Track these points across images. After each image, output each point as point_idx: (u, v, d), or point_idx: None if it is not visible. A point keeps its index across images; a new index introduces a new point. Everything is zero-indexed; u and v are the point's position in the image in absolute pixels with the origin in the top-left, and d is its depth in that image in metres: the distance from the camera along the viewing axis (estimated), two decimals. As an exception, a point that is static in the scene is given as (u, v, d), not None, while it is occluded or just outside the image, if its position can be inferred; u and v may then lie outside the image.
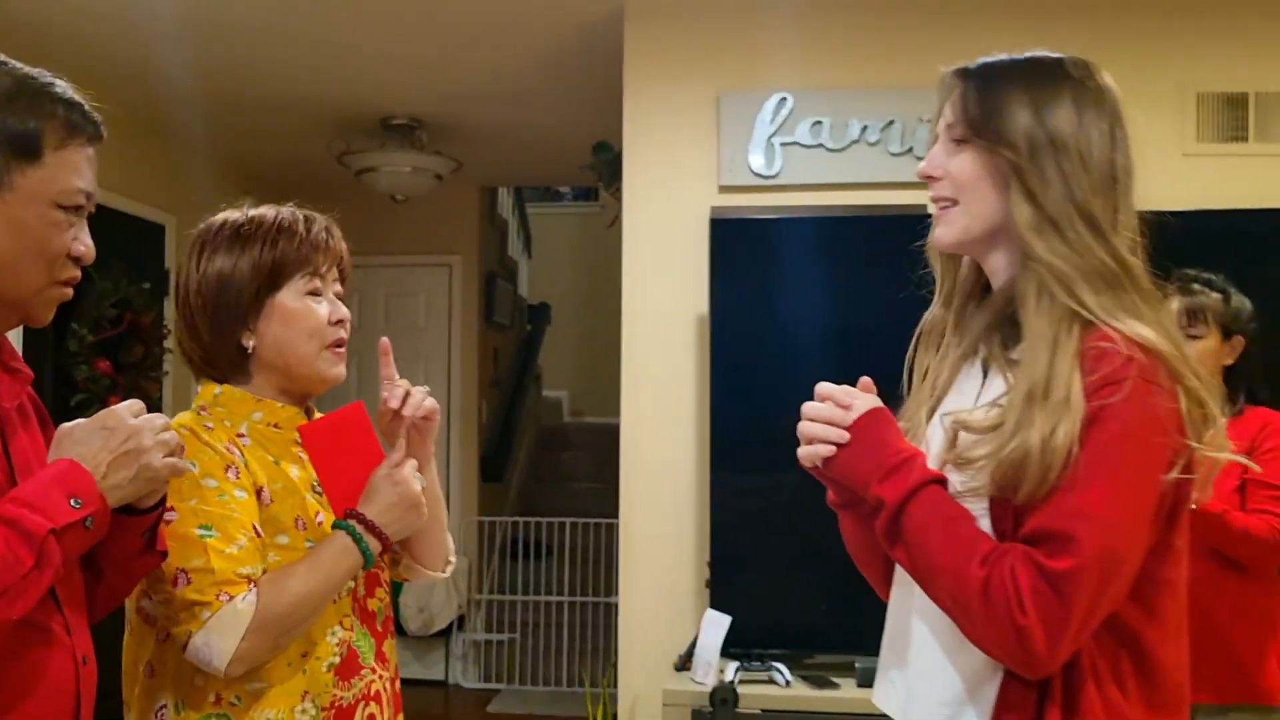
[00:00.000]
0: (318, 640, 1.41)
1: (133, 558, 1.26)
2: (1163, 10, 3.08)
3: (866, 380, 1.27)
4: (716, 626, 2.80)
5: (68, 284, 1.25)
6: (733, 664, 2.80)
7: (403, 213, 4.91)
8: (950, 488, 1.18)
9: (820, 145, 3.12)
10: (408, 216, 5.10)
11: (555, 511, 5.81)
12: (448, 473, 5.68)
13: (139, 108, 4.04)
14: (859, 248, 3.02)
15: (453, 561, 1.62)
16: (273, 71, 3.85)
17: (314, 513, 1.44)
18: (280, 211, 1.48)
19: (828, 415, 1.22)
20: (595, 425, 7.22)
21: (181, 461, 1.23)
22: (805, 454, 1.24)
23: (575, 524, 5.58)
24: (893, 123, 3.08)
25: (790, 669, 2.81)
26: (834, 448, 1.21)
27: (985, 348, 1.26)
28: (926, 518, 1.15)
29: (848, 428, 1.21)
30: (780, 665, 2.81)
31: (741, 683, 2.73)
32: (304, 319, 1.45)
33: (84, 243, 1.23)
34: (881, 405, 1.24)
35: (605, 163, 3.99)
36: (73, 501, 1.11)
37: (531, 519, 5.82)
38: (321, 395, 1.55)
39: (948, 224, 1.24)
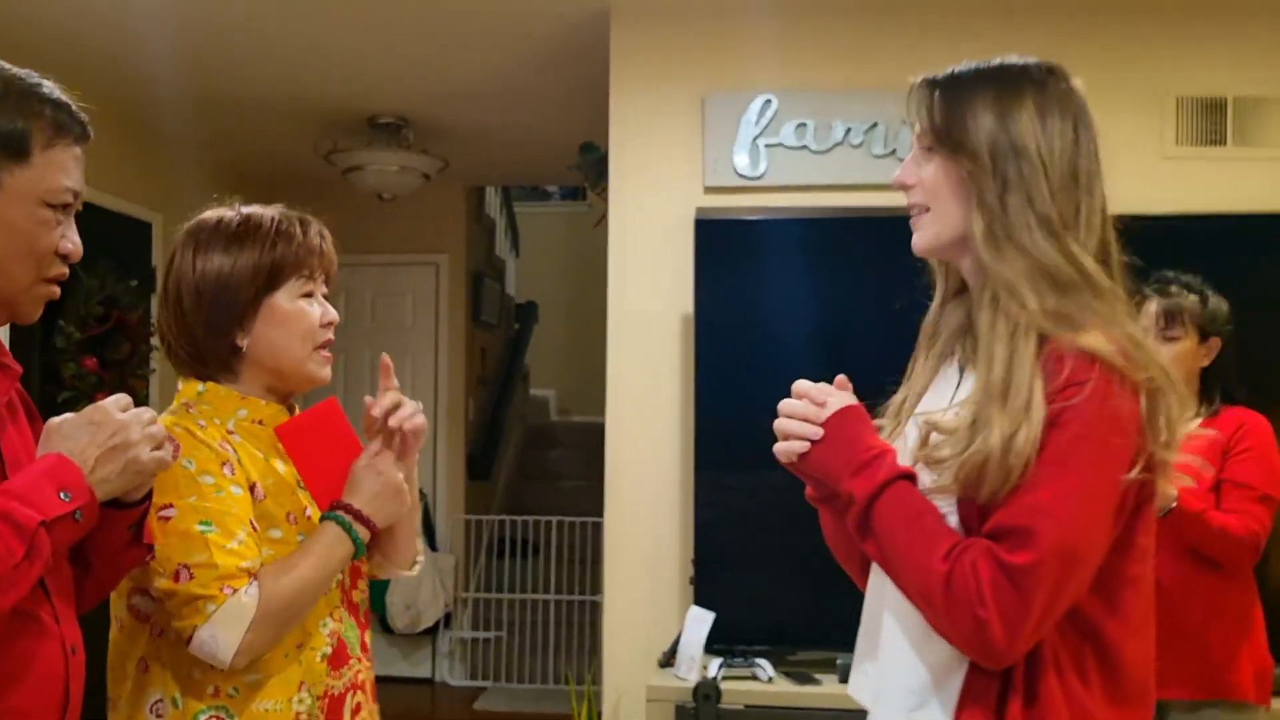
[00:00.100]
0: (312, 631, 1.44)
1: (120, 550, 1.28)
2: (1142, 15, 3.11)
3: (842, 378, 1.30)
4: (700, 623, 2.83)
5: (55, 281, 1.27)
6: (716, 660, 2.83)
7: (390, 212, 4.91)
8: (920, 485, 1.21)
9: (804, 147, 3.14)
10: (395, 215, 5.10)
11: (542, 510, 5.83)
12: (434, 471, 5.69)
13: (126, 105, 4.04)
14: (843, 248, 3.05)
15: (420, 561, 1.64)
16: (260, 70, 3.85)
17: (304, 507, 1.47)
18: (276, 213, 1.49)
19: (802, 412, 1.25)
20: (582, 424, 7.23)
21: (169, 455, 1.25)
22: (781, 449, 1.27)
23: (562, 522, 5.61)
24: (876, 125, 3.10)
25: (773, 665, 2.83)
26: (808, 444, 1.24)
27: (960, 348, 1.29)
28: (894, 513, 1.18)
29: (821, 424, 1.24)
30: (763, 661, 2.83)
31: (724, 679, 2.75)
32: (298, 321, 1.47)
33: (71, 240, 1.25)
34: (856, 403, 1.27)
35: (591, 163, 4.01)
36: (62, 495, 1.13)
37: (518, 517, 5.84)
38: (305, 393, 1.57)
39: (921, 230, 1.27)
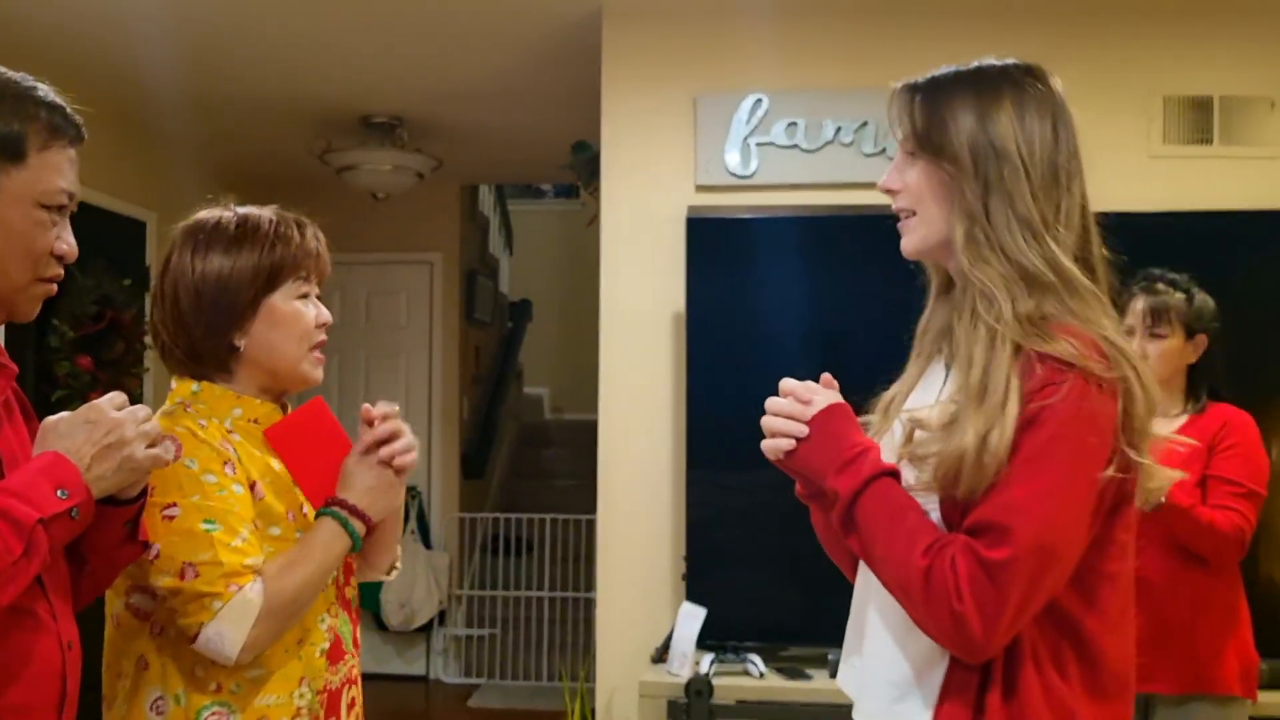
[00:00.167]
0: (311, 627, 1.46)
1: (115, 547, 1.30)
2: (1131, 15, 3.13)
3: (828, 377, 1.32)
4: (692, 619, 2.85)
5: (52, 281, 1.28)
6: (708, 656, 2.85)
7: (384, 210, 4.93)
8: (904, 481, 1.23)
9: (795, 146, 3.16)
10: (389, 214, 5.11)
11: (536, 508, 5.85)
12: (429, 469, 5.71)
13: (121, 105, 4.05)
14: (833, 247, 3.07)
15: (398, 568, 1.67)
16: (254, 69, 3.86)
17: (301, 504, 1.49)
18: (273, 215, 1.51)
19: (788, 410, 1.27)
20: (576, 422, 7.25)
21: (168, 453, 1.27)
22: (767, 446, 1.29)
23: (555, 520, 5.62)
24: (866, 124, 3.12)
25: (764, 661, 2.86)
26: (794, 441, 1.26)
27: (946, 347, 1.31)
28: (876, 509, 1.20)
29: (807, 422, 1.26)
30: (754, 657, 2.86)
31: (716, 674, 2.77)
32: (295, 322, 1.49)
33: (67, 241, 1.27)
34: (841, 401, 1.29)
35: (584, 162, 4.03)
36: (60, 493, 1.14)
37: (512, 515, 5.86)
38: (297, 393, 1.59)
39: (909, 234, 1.29)
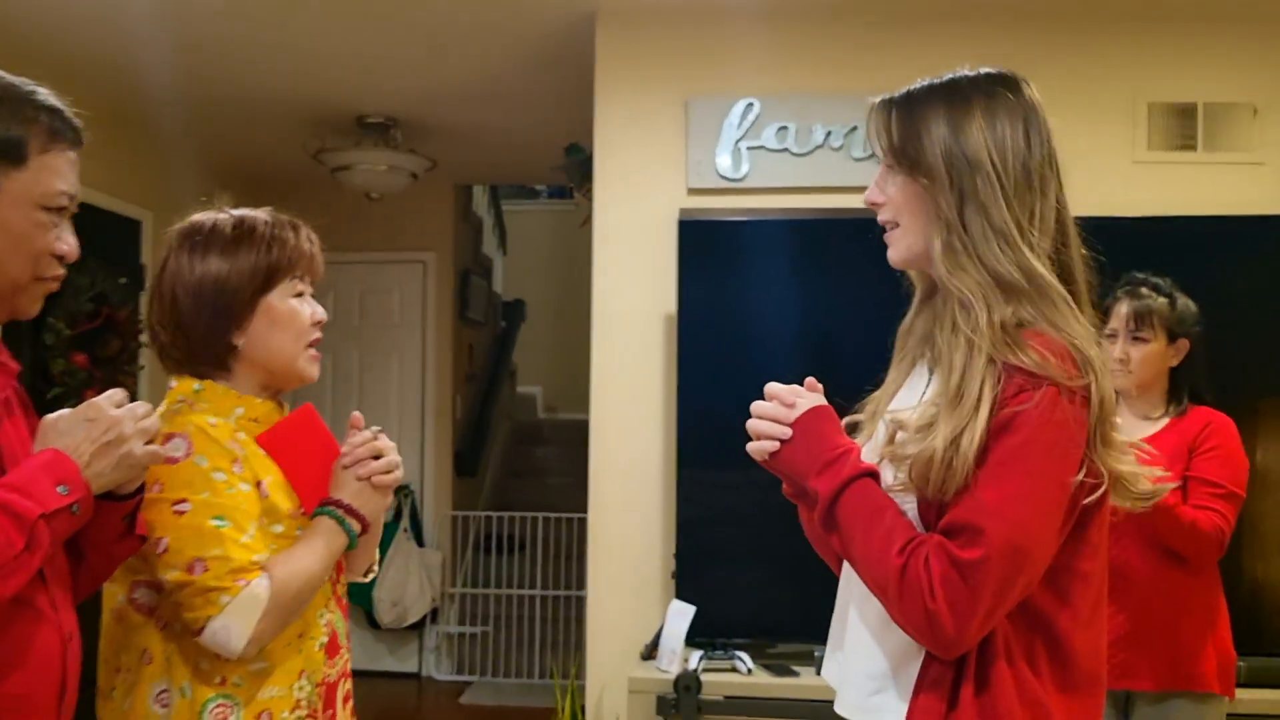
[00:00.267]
0: (311, 622, 1.50)
1: (113, 541, 1.33)
2: (1117, 23, 3.17)
3: (812, 380, 1.35)
4: (681, 616, 2.88)
5: (52, 280, 1.31)
6: (696, 653, 2.88)
7: (378, 210, 4.95)
8: (884, 482, 1.26)
9: (785, 150, 3.20)
10: (383, 214, 5.13)
11: (529, 506, 5.88)
12: (422, 467, 5.73)
13: (116, 104, 4.07)
14: (823, 250, 3.10)
15: (375, 571, 1.70)
16: (250, 69, 3.88)
17: (305, 510, 1.52)
18: (269, 216, 1.55)
19: (772, 413, 1.31)
20: (569, 421, 7.28)
21: (161, 449, 1.30)
22: (752, 449, 1.32)
23: (548, 519, 5.65)
24: (855, 128, 3.15)
25: (752, 658, 2.89)
26: (778, 443, 1.30)
27: (930, 350, 1.35)
28: (855, 508, 1.23)
29: (790, 424, 1.29)
30: (742, 654, 2.89)
31: (705, 670, 2.81)
32: (291, 320, 1.52)
33: (67, 241, 1.30)
34: (824, 403, 1.32)
35: (577, 164, 4.06)
36: (60, 489, 1.18)
37: (505, 513, 5.89)
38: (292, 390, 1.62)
39: (893, 245, 1.32)
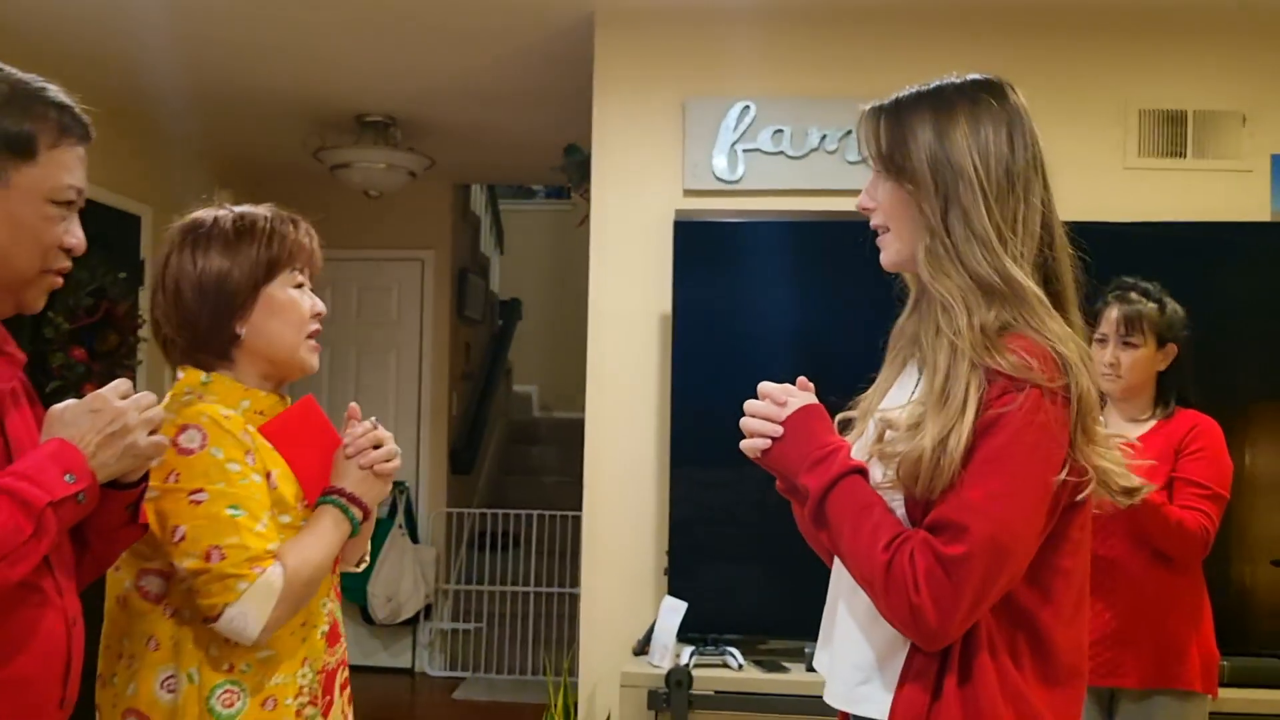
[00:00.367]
0: (314, 610, 1.54)
1: (117, 529, 1.36)
2: (1108, 31, 3.21)
3: (803, 379, 1.39)
4: (673, 612, 2.91)
5: (59, 273, 1.34)
6: (688, 648, 2.91)
7: (377, 208, 4.97)
8: (873, 479, 1.29)
9: (781, 152, 3.23)
10: (382, 212, 5.16)
11: (523, 504, 5.90)
12: (417, 464, 5.75)
13: (116, 100, 4.08)
14: (817, 252, 3.13)
15: (366, 561, 1.74)
16: (251, 67, 3.90)
17: (306, 501, 1.56)
18: (268, 212, 1.59)
19: (765, 411, 1.34)
20: (564, 420, 7.30)
21: (165, 439, 1.33)
22: (745, 446, 1.36)
23: (542, 516, 5.68)
24: (850, 132, 3.17)
25: (743, 653, 2.92)
26: (770, 441, 1.33)
27: (919, 351, 1.38)
28: (844, 505, 1.27)
29: (782, 422, 1.33)
30: (734, 650, 2.92)
31: (696, 666, 2.83)
32: (292, 309, 1.57)
33: (75, 235, 1.33)
34: (815, 402, 1.36)
35: (575, 164, 4.08)
36: (67, 477, 1.20)
37: (499, 511, 5.91)
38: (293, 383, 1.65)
39: (885, 249, 1.35)
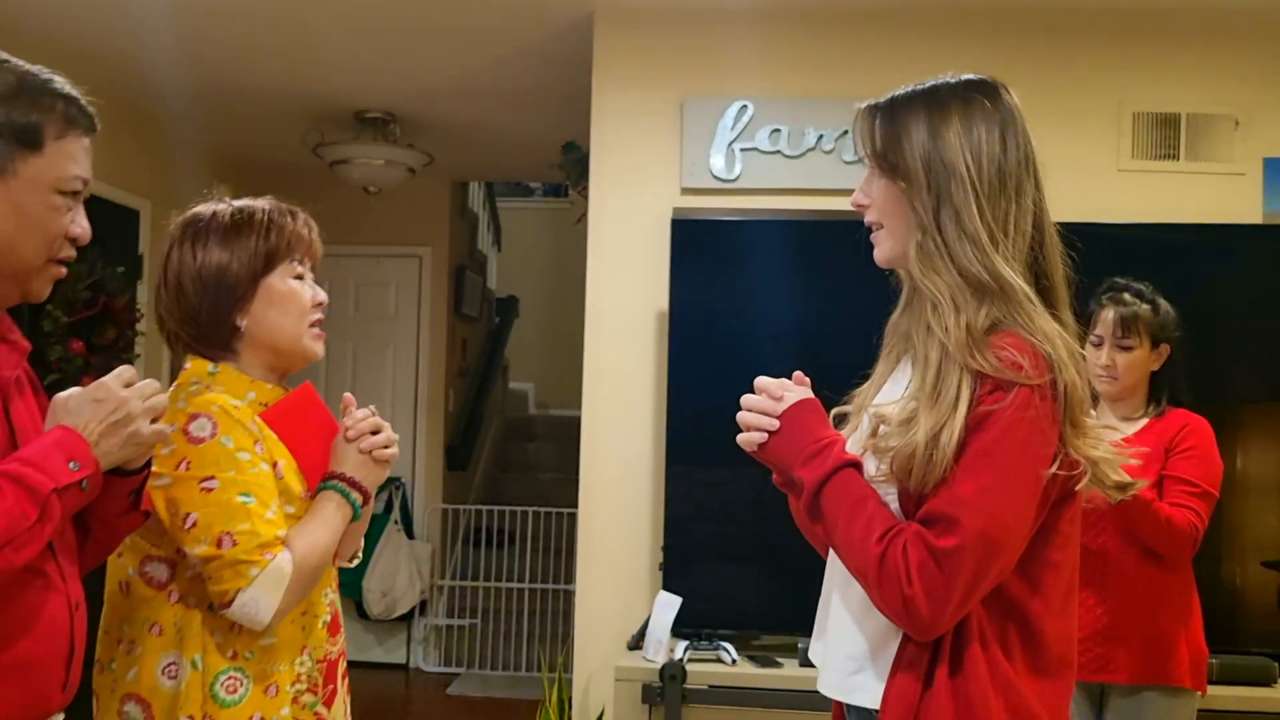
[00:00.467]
0: (315, 600, 1.56)
1: (119, 516, 1.37)
2: (1104, 35, 3.23)
3: (799, 374, 1.41)
4: (668, 607, 2.93)
5: (64, 262, 1.36)
6: (682, 643, 2.93)
7: (375, 204, 4.99)
8: (867, 473, 1.31)
9: (778, 151, 3.25)
10: (380, 208, 5.18)
11: (519, 501, 5.92)
12: (413, 460, 5.77)
13: (116, 94, 4.09)
14: (813, 250, 3.14)
15: (359, 557, 1.75)
16: (250, 61, 3.91)
17: (308, 486, 1.57)
18: (267, 205, 1.60)
19: (761, 405, 1.36)
20: (560, 417, 7.33)
21: (167, 428, 1.34)
22: (741, 439, 1.38)
23: (538, 513, 5.70)
24: (847, 132, 3.19)
25: (736, 648, 2.93)
26: (766, 434, 1.35)
27: (912, 347, 1.40)
28: (838, 498, 1.29)
29: (778, 416, 1.35)
30: (727, 645, 2.93)
31: (690, 661, 2.85)
32: (292, 299, 1.58)
33: (80, 225, 1.35)
34: (811, 397, 1.38)
35: (573, 162, 4.10)
36: (71, 464, 1.22)
37: (495, 507, 5.93)
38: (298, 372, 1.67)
39: (879, 246, 1.38)
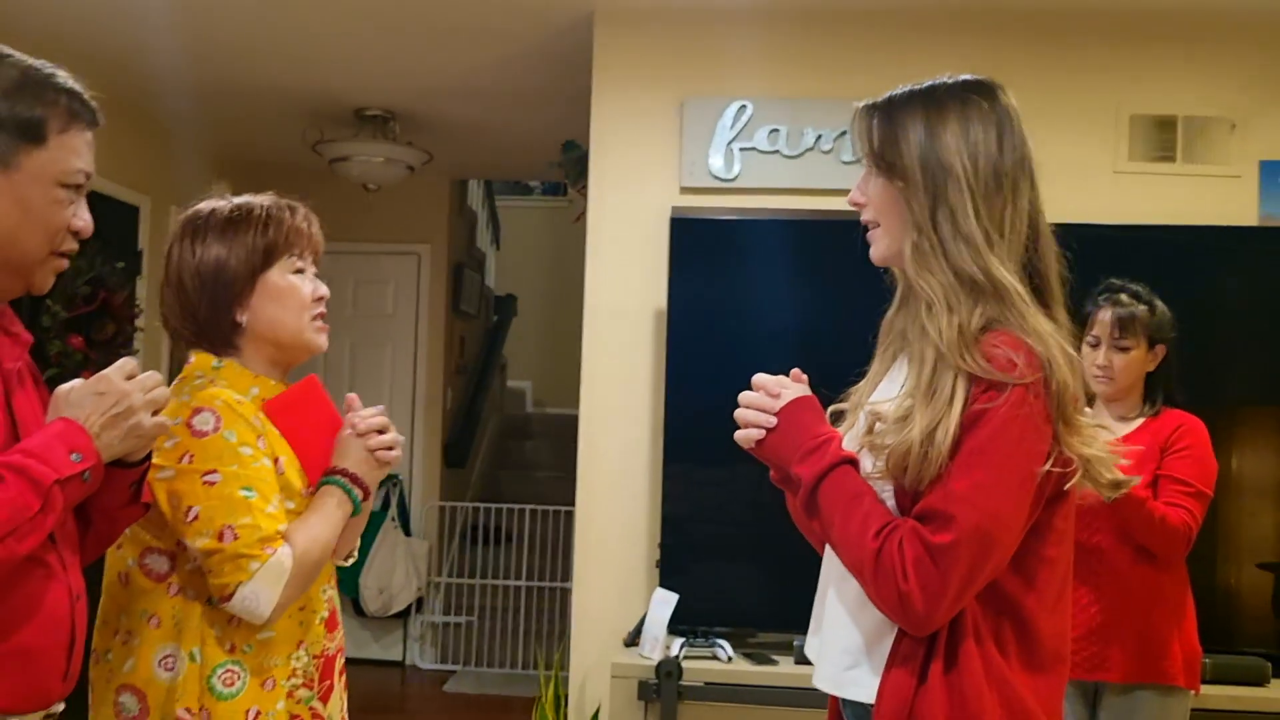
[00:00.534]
0: (313, 596, 1.56)
1: (120, 507, 1.38)
2: (1102, 38, 3.24)
3: (797, 371, 1.42)
4: (664, 604, 2.94)
5: (66, 255, 1.37)
6: (678, 640, 2.94)
7: (374, 202, 4.99)
8: (862, 469, 1.32)
9: (777, 151, 3.26)
10: (379, 206, 5.18)
11: (516, 499, 5.93)
12: (410, 457, 5.77)
13: (116, 90, 4.04)
14: (811, 250, 3.15)
15: (354, 556, 1.76)
16: (250, 58, 3.92)
17: (308, 481, 1.58)
18: (266, 200, 1.61)
19: (758, 402, 1.37)
20: (558, 416, 7.34)
21: (169, 421, 1.35)
22: (739, 436, 1.39)
23: (535, 511, 5.71)
24: (845, 133, 3.20)
25: (732, 646, 2.94)
26: (764, 431, 1.36)
27: (909, 345, 1.41)
28: (835, 494, 1.30)
29: (775, 413, 1.36)
30: (723, 642, 2.94)
31: (686, 658, 2.86)
32: (291, 294, 1.59)
33: (83, 218, 1.36)
34: (808, 394, 1.39)
35: (573, 160, 4.11)
36: (74, 456, 1.23)
37: (492, 505, 5.94)
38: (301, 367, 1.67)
39: (875, 244, 1.39)
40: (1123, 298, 2.48)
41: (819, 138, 3.25)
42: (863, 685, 1.32)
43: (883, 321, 1.45)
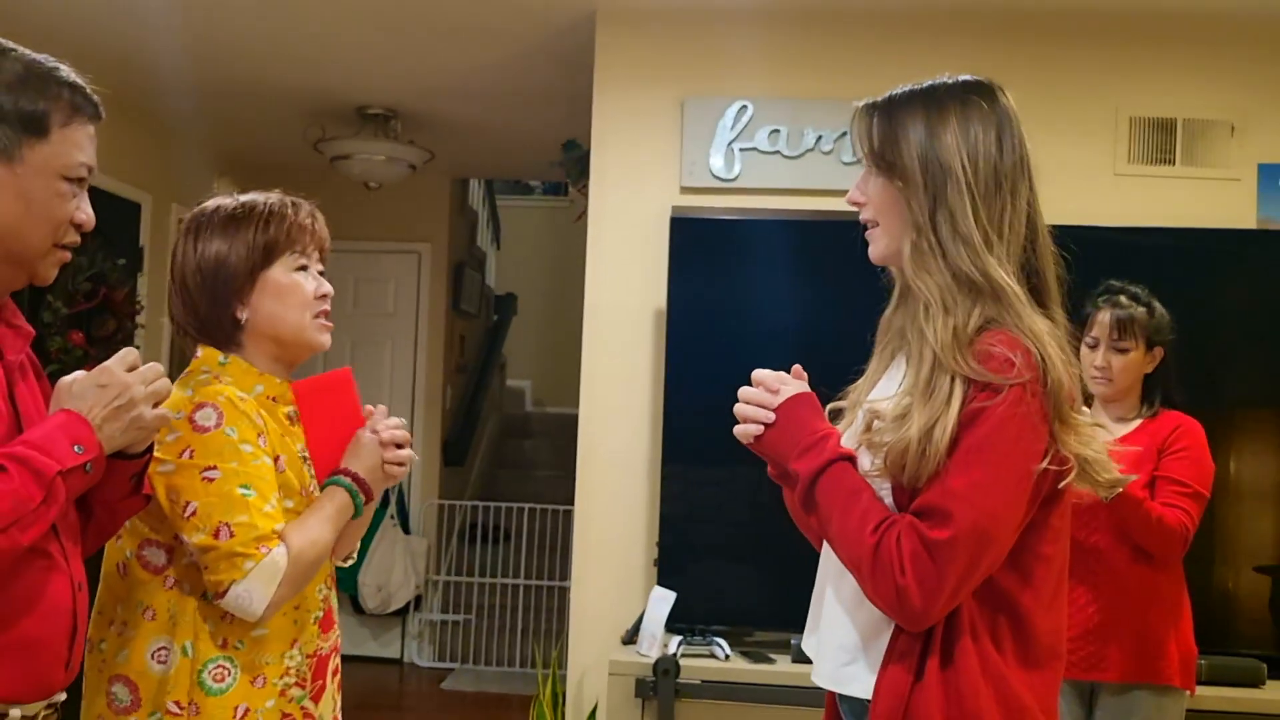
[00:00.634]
0: (309, 595, 1.56)
1: (121, 499, 1.39)
2: (1101, 40, 3.25)
3: (797, 368, 1.43)
4: (662, 602, 2.95)
5: (68, 248, 1.38)
6: (676, 638, 2.94)
7: (375, 200, 5.00)
8: (861, 467, 1.33)
9: (777, 152, 3.27)
10: (380, 204, 5.19)
11: (515, 497, 5.94)
12: (410, 456, 5.78)
13: (118, 87, 4.05)
14: (811, 250, 3.16)
15: (353, 557, 1.77)
16: (252, 56, 3.92)
17: (310, 481, 1.59)
18: (270, 197, 1.61)
19: (758, 398, 1.38)
20: (557, 415, 7.35)
21: (171, 413, 1.36)
22: (738, 431, 1.40)
23: (534, 509, 5.71)
24: (845, 133, 3.21)
25: (730, 644, 2.95)
26: (762, 427, 1.37)
27: (907, 343, 1.42)
28: (833, 490, 1.31)
29: (774, 409, 1.37)
30: (720, 640, 2.95)
31: (684, 655, 2.87)
32: (293, 292, 1.59)
33: (85, 211, 1.36)
34: (807, 390, 1.39)
35: (574, 160, 4.12)
36: (76, 448, 1.24)
37: (491, 503, 5.95)
38: (302, 366, 1.67)
39: (873, 244, 1.39)
40: (1121, 299, 2.49)
41: (819, 138, 3.26)
42: (860, 681, 1.33)
43: (881, 320, 1.46)
